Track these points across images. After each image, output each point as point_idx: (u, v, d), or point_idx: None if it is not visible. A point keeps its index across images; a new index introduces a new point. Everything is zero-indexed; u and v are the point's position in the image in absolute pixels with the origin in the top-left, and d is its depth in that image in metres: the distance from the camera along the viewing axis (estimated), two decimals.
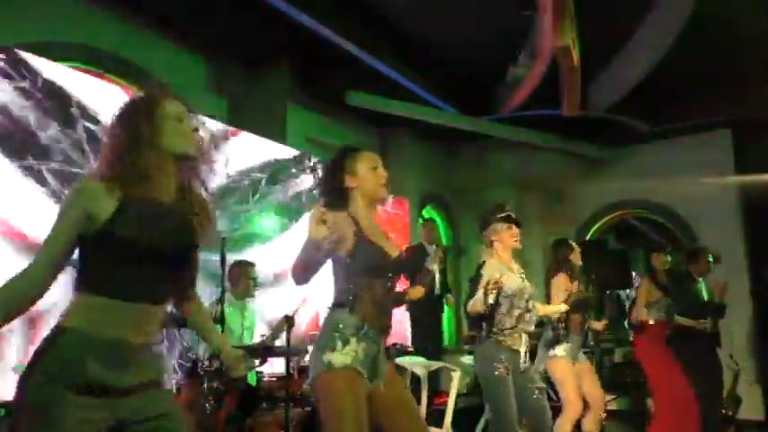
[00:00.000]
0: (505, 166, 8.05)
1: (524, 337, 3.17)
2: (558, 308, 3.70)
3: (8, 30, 3.99)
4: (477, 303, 2.99)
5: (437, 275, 6.10)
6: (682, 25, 4.64)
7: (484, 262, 3.28)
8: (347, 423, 1.99)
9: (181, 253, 1.60)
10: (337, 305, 2.17)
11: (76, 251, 1.51)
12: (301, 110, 6.27)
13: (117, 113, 1.60)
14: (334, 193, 2.27)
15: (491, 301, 2.85)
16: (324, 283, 2.32)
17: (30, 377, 1.38)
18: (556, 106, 5.75)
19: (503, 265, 3.22)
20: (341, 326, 2.10)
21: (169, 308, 1.70)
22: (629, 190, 7.74)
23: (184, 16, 5.02)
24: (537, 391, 3.11)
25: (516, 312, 3.12)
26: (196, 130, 1.64)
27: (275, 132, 5.78)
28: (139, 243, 1.47)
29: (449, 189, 8.46)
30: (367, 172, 2.29)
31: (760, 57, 5.46)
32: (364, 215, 2.26)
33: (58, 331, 1.44)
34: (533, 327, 3.26)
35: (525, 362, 3.15)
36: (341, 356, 2.05)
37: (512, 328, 3.10)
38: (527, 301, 3.18)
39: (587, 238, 8.01)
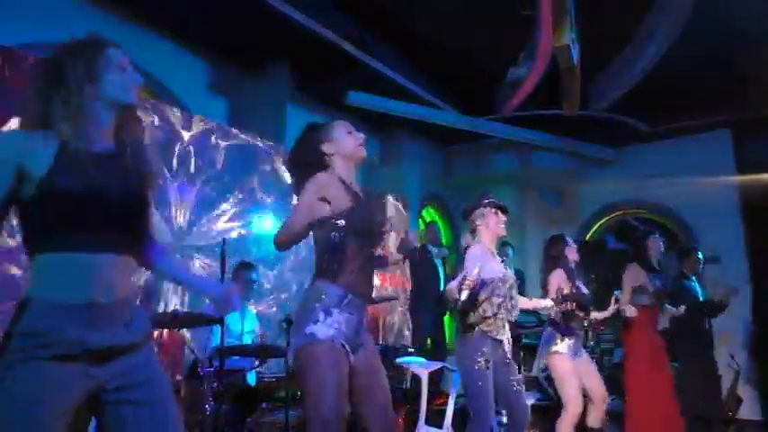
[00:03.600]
0: (505, 166, 8.05)
1: (506, 326, 3.14)
2: (545, 302, 3.68)
3: (8, 30, 3.98)
4: (452, 292, 2.93)
5: (441, 277, 6.11)
6: (682, 25, 4.64)
7: (467, 247, 3.24)
8: (328, 396, 1.95)
9: (127, 200, 1.49)
10: (320, 273, 2.12)
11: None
12: (301, 110, 6.26)
13: (55, 53, 1.50)
14: (313, 164, 2.22)
15: (464, 297, 2.78)
16: None
17: (3, 352, 1.31)
18: (556, 106, 5.76)
19: (486, 252, 3.18)
20: (323, 296, 2.06)
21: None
22: (629, 190, 7.75)
23: (184, 16, 5.02)
24: (516, 383, 3.08)
25: (497, 300, 3.05)
26: (135, 80, 1.59)
27: (275, 132, 5.78)
28: (83, 193, 1.38)
29: (449, 189, 8.46)
30: (343, 135, 2.27)
31: (760, 57, 5.46)
32: (348, 179, 2.24)
33: (24, 302, 1.36)
34: (516, 315, 3.21)
35: (508, 353, 3.13)
36: (324, 328, 2.01)
37: (493, 316, 3.04)
38: (509, 288, 3.14)
39: (587, 238, 8.02)
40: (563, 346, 3.70)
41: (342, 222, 2.05)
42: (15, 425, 1.26)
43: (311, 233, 2.13)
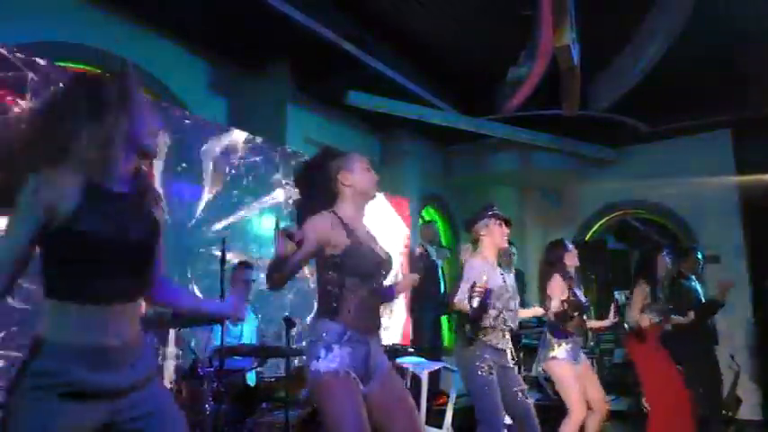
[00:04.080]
0: (505, 166, 8.05)
1: (507, 335, 3.16)
2: (534, 310, 3.70)
3: (8, 30, 3.98)
4: (462, 303, 2.96)
5: (440, 278, 6.11)
6: (682, 25, 4.64)
7: (467, 260, 3.24)
8: (348, 423, 1.98)
9: (146, 245, 1.52)
10: (320, 313, 2.16)
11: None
12: (301, 110, 6.26)
13: (89, 83, 1.47)
14: (324, 189, 2.24)
15: (475, 304, 2.80)
16: None
17: (16, 389, 1.36)
18: (556, 106, 5.75)
19: (486, 264, 3.19)
20: (324, 334, 2.09)
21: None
22: (629, 190, 7.76)
23: (184, 16, 5.01)
24: (520, 393, 3.09)
25: (494, 312, 3.08)
26: (158, 125, 1.59)
27: (275, 132, 5.77)
28: (105, 239, 1.39)
29: (449, 189, 8.46)
30: (362, 171, 2.28)
31: (760, 57, 5.46)
32: (354, 216, 2.24)
33: (38, 342, 1.39)
34: (515, 325, 3.23)
35: (511, 360, 3.15)
36: (325, 363, 2.05)
37: (492, 327, 3.07)
38: (508, 300, 3.16)
39: (587, 238, 8.03)
40: (560, 351, 3.70)
41: (338, 260, 2.10)
42: None
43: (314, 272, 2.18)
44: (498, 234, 3.27)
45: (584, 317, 3.87)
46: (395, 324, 6.63)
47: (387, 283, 2.36)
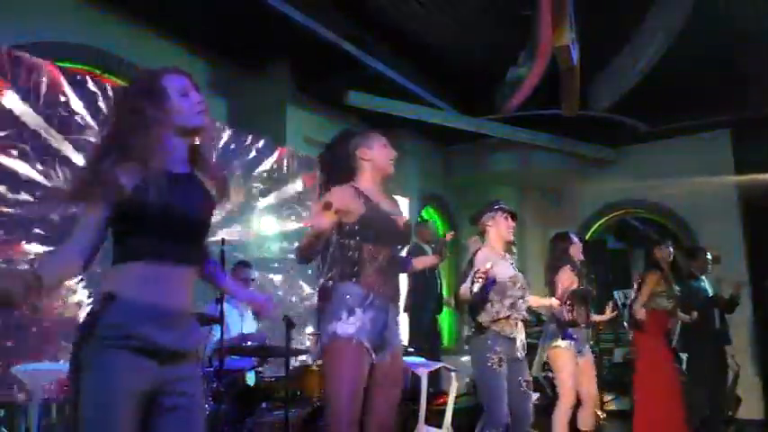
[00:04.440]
0: (505, 166, 8.06)
1: (520, 324, 3.20)
2: (549, 301, 3.70)
3: (8, 30, 3.99)
4: (465, 290, 3.00)
5: (437, 278, 6.10)
6: (682, 25, 4.64)
7: (476, 252, 3.27)
8: (344, 391, 2.07)
9: (203, 218, 1.67)
10: (342, 276, 2.24)
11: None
12: (301, 110, 6.27)
13: (120, 96, 1.65)
14: (344, 164, 2.37)
15: (476, 289, 2.83)
16: None
17: (84, 342, 1.45)
18: (556, 106, 5.75)
19: (494, 255, 3.21)
20: (347, 296, 2.17)
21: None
22: (629, 190, 7.76)
23: (184, 16, 5.02)
24: (525, 384, 3.14)
25: (508, 301, 3.11)
26: (201, 100, 1.70)
27: (275, 132, 5.77)
28: (164, 210, 1.52)
29: (449, 189, 8.46)
30: (380, 147, 2.40)
31: (760, 57, 5.46)
32: (372, 188, 2.35)
33: (105, 299, 1.49)
34: (525, 320, 3.26)
35: (522, 349, 3.16)
36: (345, 326, 2.12)
37: (506, 318, 3.10)
38: (520, 288, 3.18)
39: (587, 238, 8.02)
40: (565, 341, 3.73)
41: (356, 228, 2.21)
42: (98, 399, 1.43)
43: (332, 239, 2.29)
44: (504, 226, 3.32)
45: (587, 307, 3.88)
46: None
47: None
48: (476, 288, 2.84)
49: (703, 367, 4.67)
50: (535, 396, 5.08)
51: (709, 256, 4.88)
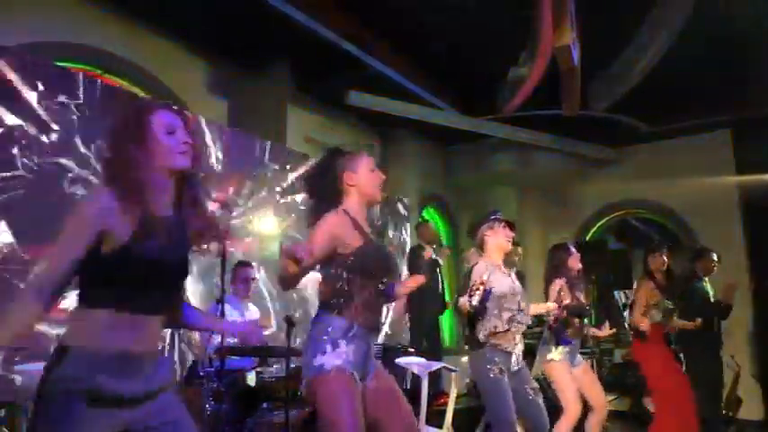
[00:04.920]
0: (505, 166, 8.06)
1: (518, 337, 3.16)
2: (546, 306, 3.69)
3: (8, 30, 3.98)
4: (464, 303, 2.97)
5: (439, 277, 6.09)
6: (682, 25, 4.64)
7: (474, 265, 3.25)
8: (345, 423, 1.99)
9: (183, 268, 1.63)
10: (325, 308, 2.17)
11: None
12: (301, 110, 6.26)
13: (109, 132, 1.59)
14: (330, 190, 2.27)
15: (475, 302, 2.81)
16: None
17: (43, 392, 1.42)
18: (556, 106, 5.75)
19: (492, 267, 3.20)
20: (329, 329, 2.10)
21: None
22: (629, 190, 7.76)
23: (184, 16, 5.01)
24: (532, 392, 3.11)
25: (506, 315, 3.08)
26: (187, 141, 1.60)
27: (275, 132, 5.77)
28: (155, 262, 1.50)
29: (449, 189, 8.46)
30: (367, 172, 2.29)
31: (760, 57, 5.46)
32: (359, 215, 2.26)
33: (63, 349, 1.46)
34: (526, 327, 3.24)
35: (518, 363, 3.15)
36: (331, 358, 2.05)
37: (504, 332, 3.08)
38: (519, 301, 3.16)
39: (587, 238, 8.03)
40: (557, 353, 3.75)
41: (350, 260, 2.13)
42: None
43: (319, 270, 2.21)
44: (502, 235, 3.30)
45: (584, 321, 3.90)
46: (393, 324, 6.64)
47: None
48: (474, 301, 2.81)
49: (701, 370, 4.66)
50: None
51: (715, 258, 4.86)
